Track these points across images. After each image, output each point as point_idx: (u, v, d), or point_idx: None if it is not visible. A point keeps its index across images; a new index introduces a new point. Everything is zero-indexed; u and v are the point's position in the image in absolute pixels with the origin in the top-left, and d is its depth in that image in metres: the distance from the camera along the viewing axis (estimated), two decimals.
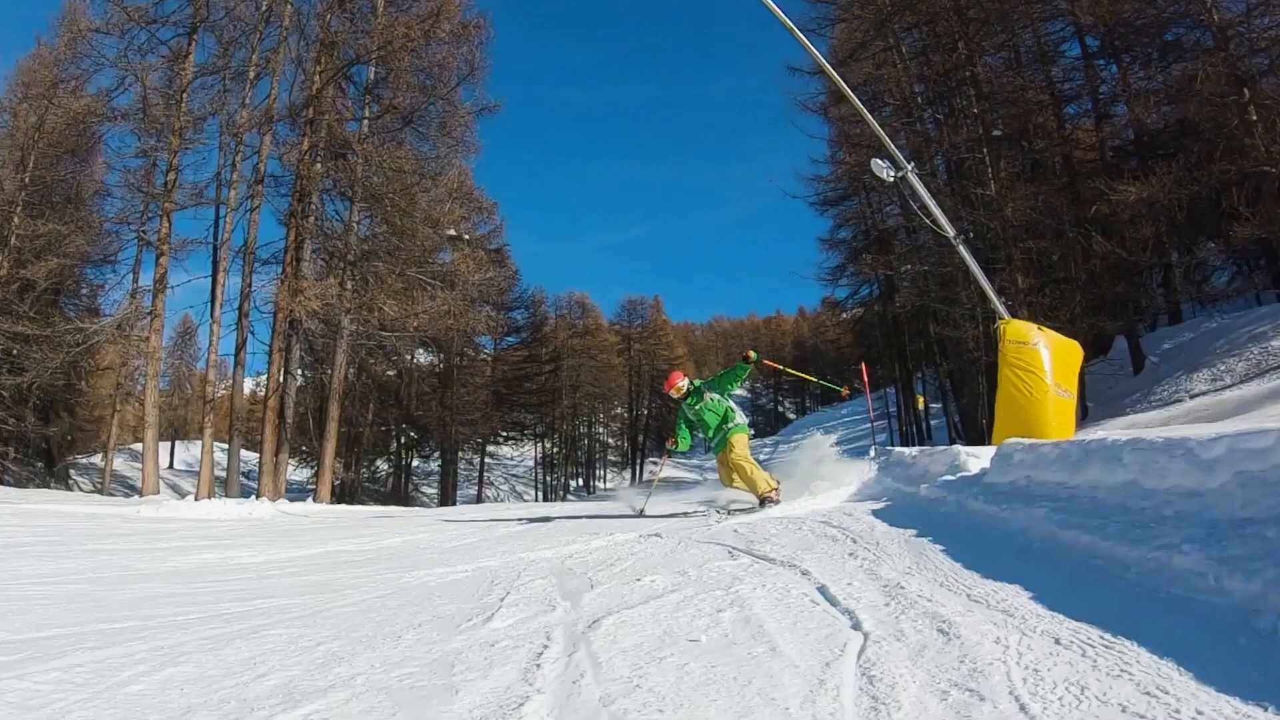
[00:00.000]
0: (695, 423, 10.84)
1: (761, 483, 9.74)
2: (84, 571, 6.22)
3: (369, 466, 49.91)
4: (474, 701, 2.58)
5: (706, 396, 10.62)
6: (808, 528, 6.66)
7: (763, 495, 9.62)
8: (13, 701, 2.57)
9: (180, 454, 66.02)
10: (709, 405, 10.62)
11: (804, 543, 5.91)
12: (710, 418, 10.64)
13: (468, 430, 50.03)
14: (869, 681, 2.60)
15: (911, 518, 6.39)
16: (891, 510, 7.16)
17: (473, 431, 51.58)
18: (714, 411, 10.62)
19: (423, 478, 55.11)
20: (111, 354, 32.94)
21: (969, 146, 27.71)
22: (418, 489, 52.86)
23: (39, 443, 38.55)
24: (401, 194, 29.84)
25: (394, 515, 17.83)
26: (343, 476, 38.19)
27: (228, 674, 3.00)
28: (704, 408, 10.65)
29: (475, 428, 51.25)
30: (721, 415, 10.59)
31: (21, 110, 33.47)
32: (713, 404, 10.61)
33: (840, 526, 6.45)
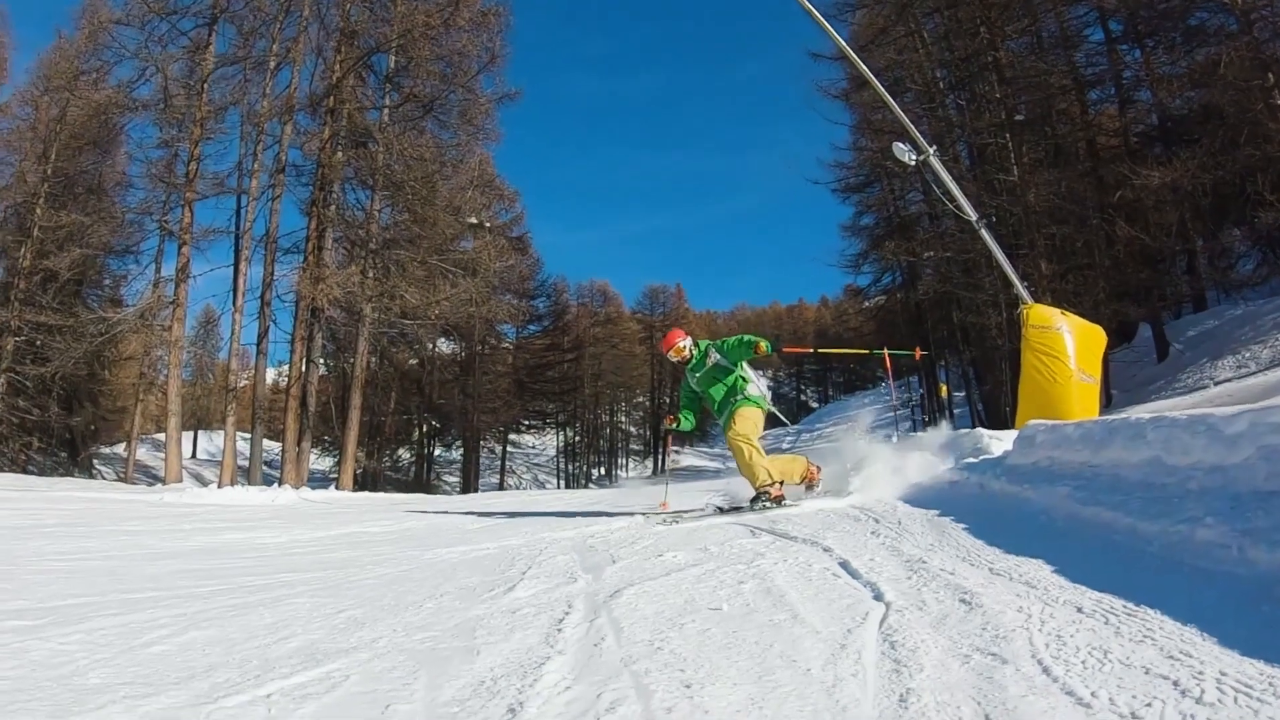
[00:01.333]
0: (700, 395, 8.93)
1: (761, 472, 7.99)
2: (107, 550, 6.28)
3: (391, 455, 50.08)
4: (495, 662, 2.60)
5: (711, 360, 8.71)
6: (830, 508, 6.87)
7: (760, 488, 7.94)
8: (37, 660, 2.61)
9: (203, 444, 66.40)
10: (713, 373, 8.71)
11: (826, 522, 6.00)
12: (716, 389, 8.74)
13: (490, 419, 50.20)
14: (891, 646, 2.60)
15: (934, 499, 6.44)
16: (915, 492, 7.14)
17: (495, 420, 51.75)
18: (720, 381, 8.71)
19: (445, 466, 55.27)
20: (134, 344, 33.22)
21: (991, 132, 27.54)
22: (440, 478, 53.02)
23: (63, 432, 38.90)
24: (423, 182, 29.92)
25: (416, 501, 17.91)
26: (365, 465, 38.35)
27: (249, 637, 3.03)
28: (707, 375, 8.76)
29: (497, 416, 51.40)
30: (730, 385, 8.64)
31: (43, 103, 33.74)
32: (718, 371, 8.68)
33: (863, 507, 6.62)
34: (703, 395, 8.89)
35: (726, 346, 8.65)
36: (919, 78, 31.27)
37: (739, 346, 8.47)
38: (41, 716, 2.06)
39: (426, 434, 52.68)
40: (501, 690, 2.27)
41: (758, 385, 8.85)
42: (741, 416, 8.47)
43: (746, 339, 8.43)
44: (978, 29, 28.29)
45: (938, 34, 31.55)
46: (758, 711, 2.04)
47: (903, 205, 40.76)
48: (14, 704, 2.14)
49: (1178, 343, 26.66)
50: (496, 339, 53.42)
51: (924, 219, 37.56)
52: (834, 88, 36.40)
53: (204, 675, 2.44)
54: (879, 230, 42.61)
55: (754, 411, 8.57)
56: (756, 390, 8.75)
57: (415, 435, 52.42)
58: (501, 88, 33.18)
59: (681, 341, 8.91)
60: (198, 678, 2.42)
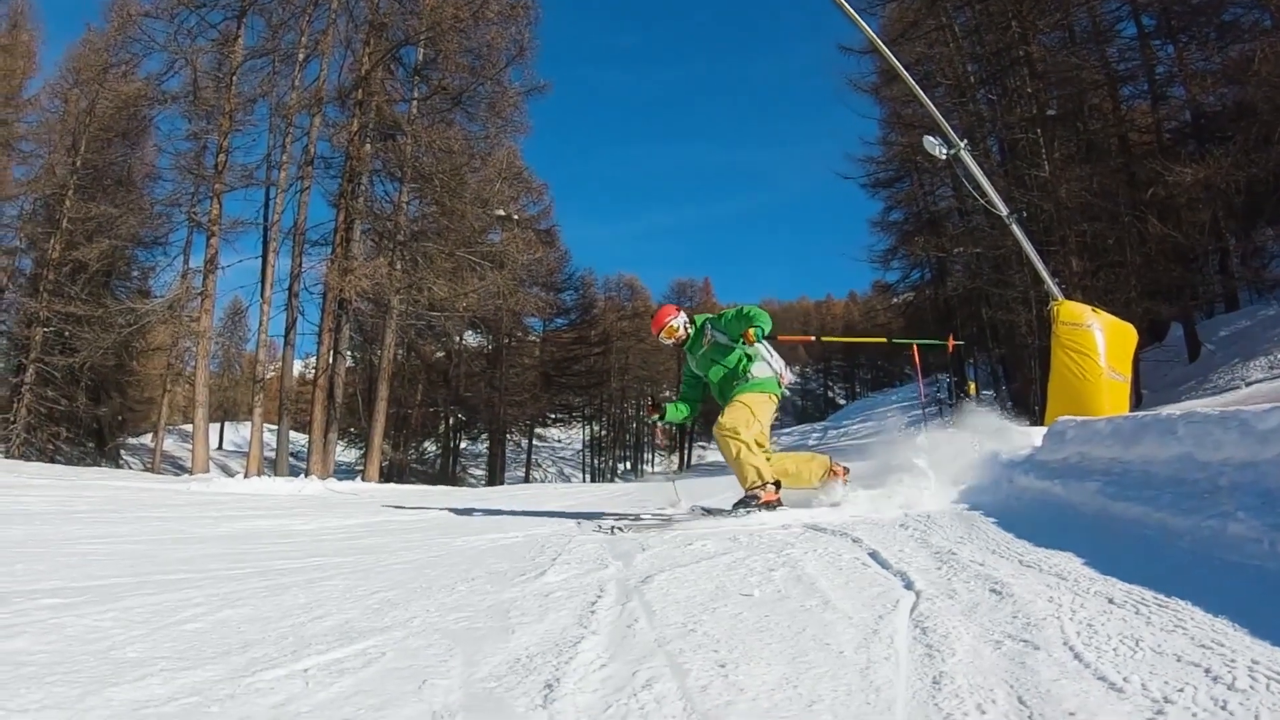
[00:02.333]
0: (701, 379, 7.73)
1: (751, 472, 6.87)
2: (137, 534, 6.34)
3: (417, 447, 50.32)
4: (529, 641, 2.62)
5: (708, 338, 7.46)
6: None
7: (749, 490, 6.82)
8: (73, 635, 2.64)
9: (229, 435, 66.96)
10: (711, 353, 7.46)
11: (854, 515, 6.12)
12: (715, 371, 7.48)
13: (516, 412, 50.38)
14: (922, 632, 2.60)
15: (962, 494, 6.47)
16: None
17: (521, 413, 51.93)
18: (719, 362, 7.44)
19: (471, 459, 55.47)
20: (162, 334, 33.41)
21: (1023, 127, 27.47)
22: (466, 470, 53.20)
23: (90, 423, 39.32)
24: (451, 174, 30.05)
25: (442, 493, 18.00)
26: (391, 457, 38.56)
27: (284, 616, 3.06)
28: (705, 356, 7.52)
29: (524, 409, 51.59)
30: (731, 367, 7.38)
31: (72, 95, 34.15)
32: (717, 350, 7.43)
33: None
34: (703, 378, 7.67)
35: (725, 320, 7.31)
36: (949, 72, 31.19)
37: (738, 320, 7.11)
38: (81, 686, 2.09)
39: (453, 427, 52.89)
40: (538, 667, 2.29)
41: (771, 364, 7.51)
42: (734, 406, 7.22)
43: (747, 311, 7.05)
44: (1009, 23, 28.20)
45: (968, 27, 31.48)
46: (792, 690, 2.06)
47: (932, 200, 40.73)
48: (53, 675, 2.18)
49: (1209, 342, 26.52)
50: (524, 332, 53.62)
51: (954, 214, 37.51)
52: (864, 81, 36.58)
53: (240, 651, 2.48)
54: (908, 226, 42.53)
55: (755, 399, 7.28)
56: (767, 371, 7.45)
57: (441, 428, 52.64)
58: (530, 80, 33.35)
59: (673, 319, 7.68)
60: (234, 653, 2.45)
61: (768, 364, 7.54)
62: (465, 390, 49.64)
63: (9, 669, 2.23)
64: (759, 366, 7.46)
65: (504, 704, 1.99)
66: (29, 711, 1.90)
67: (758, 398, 7.32)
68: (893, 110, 36.58)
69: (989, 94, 30.41)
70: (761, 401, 7.33)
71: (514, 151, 36.85)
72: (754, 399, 7.29)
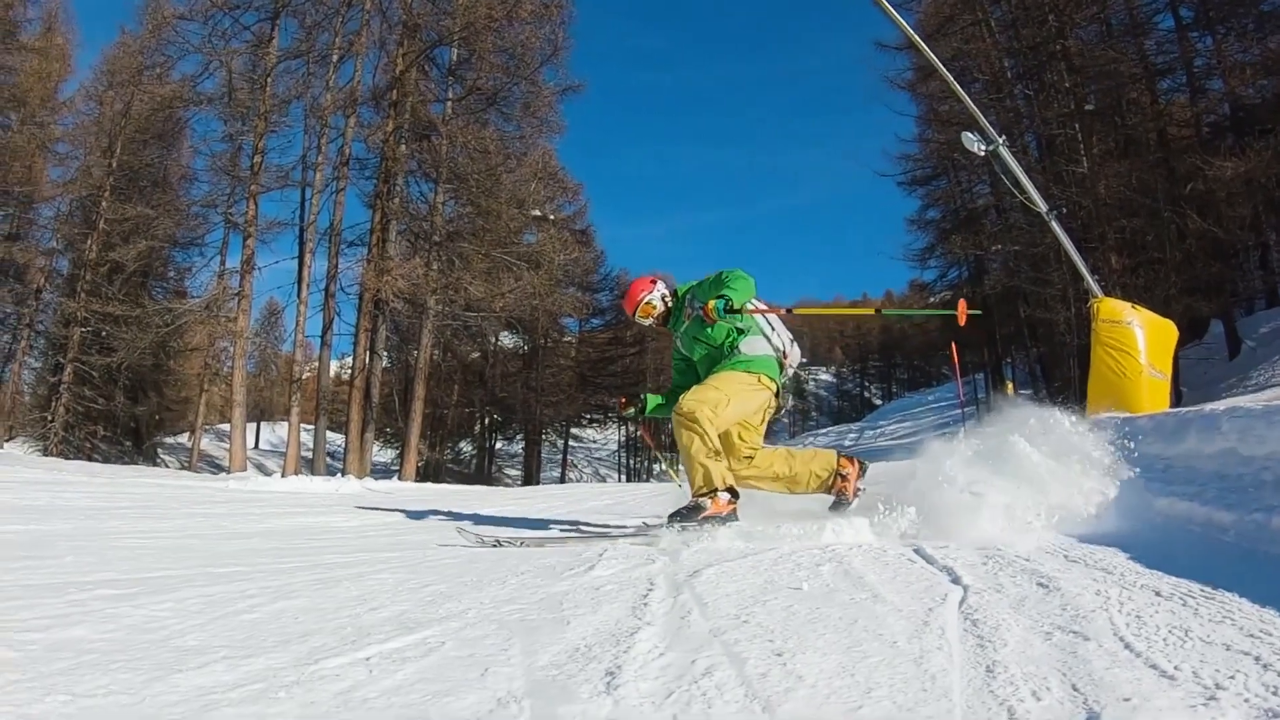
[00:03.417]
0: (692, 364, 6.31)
1: (699, 473, 5.45)
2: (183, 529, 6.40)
3: (453, 447, 50.48)
4: (586, 632, 2.64)
5: (689, 311, 6.06)
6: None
7: (698, 495, 5.40)
8: (131, 625, 2.67)
9: (265, 435, 67.39)
10: (694, 329, 6.04)
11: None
12: (699, 350, 6.13)
13: (552, 412, 50.39)
14: (972, 624, 2.62)
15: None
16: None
17: (557, 413, 51.94)
18: (702, 339, 6.03)
19: (506, 460, 55.58)
20: (200, 335, 33.77)
21: (1060, 122, 27.28)
22: (501, 470, 53.33)
23: (128, 422, 39.74)
24: (486, 175, 30.17)
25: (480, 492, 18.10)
26: (427, 457, 38.69)
27: (340, 607, 3.09)
28: (688, 334, 6.14)
29: (559, 410, 51.57)
30: (718, 344, 5.96)
31: (107, 98, 34.55)
32: (697, 326, 5.98)
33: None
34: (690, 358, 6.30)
35: (703, 289, 5.90)
36: (986, 67, 31.00)
37: (714, 286, 5.72)
38: (145, 672, 2.12)
39: (488, 427, 53.02)
40: (597, 656, 2.31)
41: (771, 339, 6.09)
42: (702, 386, 5.76)
43: (724, 277, 5.72)
44: (1045, 16, 28.01)
45: (1005, 22, 31.27)
46: (850, 678, 2.07)
47: (970, 198, 40.42)
48: (115, 662, 2.21)
49: (1250, 339, 26.27)
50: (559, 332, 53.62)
51: (991, 212, 37.24)
52: (900, 78, 36.47)
53: (300, 640, 2.51)
54: (945, 224, 42.18)
55: (734, 379, 5.80)
56: (763, 348, 5.99)
57: (477, 428, 52.78)
58: (564, 80, 33.44)
59: (649, 294, 6.27)
60: (294, 642, 2.49)
61: (766, 339, 6.06)
62: (501, 391, 49.74)
63: (71, 656, 2.26)
64: (751, 342, 5.97)
65: (568, 690, 2.01)
66: (95, 696, 1.92)
67: (738, 378, 5.81)
68: (929, 107, 36.47)
69: (1026, 89, 30.18)
70: (743, 384, 5.81)
71: (549, 152, 36.95)
72: (732, 379, 5.80)
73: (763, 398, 5.94)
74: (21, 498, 8.31)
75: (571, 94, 33.88)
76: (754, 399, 5.88)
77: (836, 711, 1.84)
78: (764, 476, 6.15)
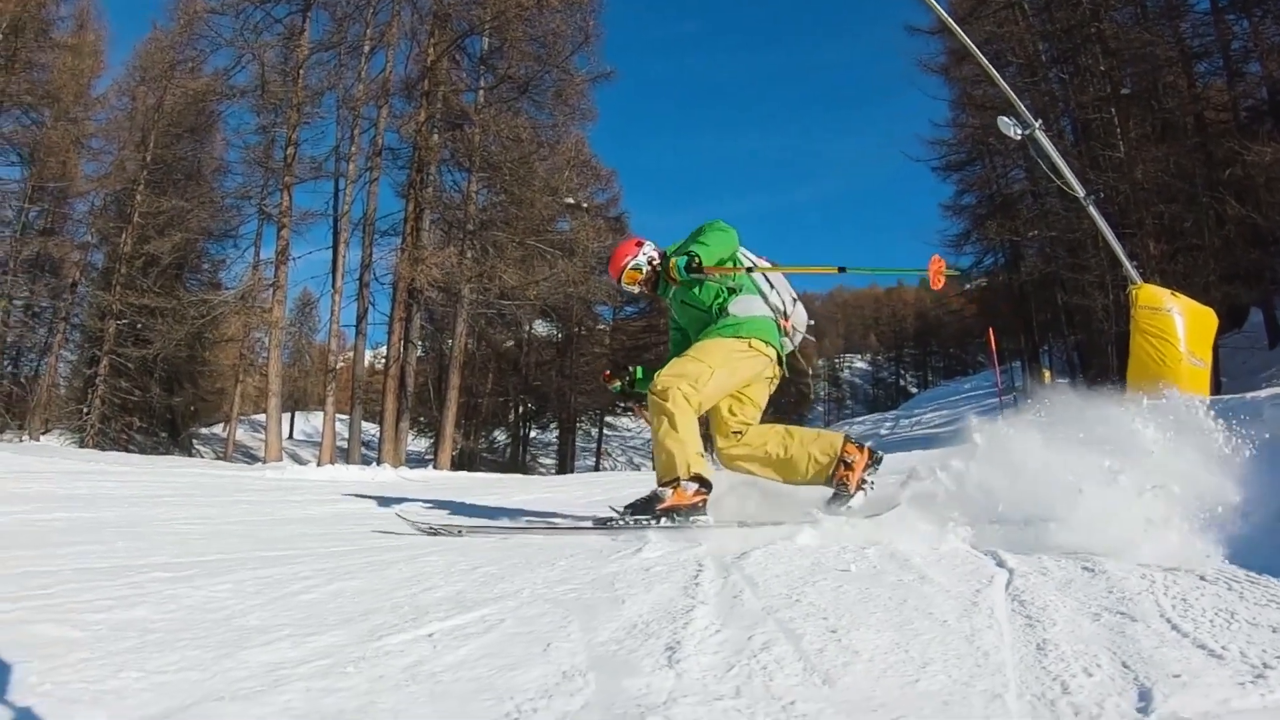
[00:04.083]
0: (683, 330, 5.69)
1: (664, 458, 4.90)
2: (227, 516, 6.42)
3: (487, 436, 50.56)
4: (641, 610, 2.67)
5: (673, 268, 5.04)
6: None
7: (660, 484, 4.89)
8: (191, 605, 2.72)
9: (299, 424, 67.60)
10: (680, 293, 5.45)
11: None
12: (689, 316, 5.54)
13: (586, 400, 50.27)
14: (1020, 605, 2.66)
15: None
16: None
17: (591, 402, 51.81)
18: (691, 303, 5.44)
19: (540, 448, 55.50)
20: (235, 325, 34.04)
21: (1096, 106, 27.05)
22: (535, 459, 53.27)
23: (163, 413, 40.05)
24: (519, 163, 30.18)
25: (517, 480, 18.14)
26: (461, 445, 38.82)
27: (395, 588, 3.13)
28: (677, 298, 5.55)
29: (594, 398, 51.45)
30: (706, 306, 5.33)
31: (140, 92, 34.84)
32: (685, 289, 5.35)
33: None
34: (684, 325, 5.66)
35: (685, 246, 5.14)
36: (1020, 50, 30.70)
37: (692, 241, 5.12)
38: (212, 650, 2.16)
39: (522, 416, 53.01)
40: (655, 632, 2.36)
41: (768, 297, 5.35)
42: (682, 358, 5.19)
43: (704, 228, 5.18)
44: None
45: (1039, 4, 30.96)
46: (904, 653, 2.11)
47: (1005, 183, 39.98)
48: (180, 640, 2.25)
49: None
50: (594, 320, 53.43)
51: (1027, 197, 36.80)
52: (933, 62, 36.18)
53: (361, 619, 2.55)
54: (980, 209, 41.65)
55: (719, 346, 5.10)
56: (758, 308, 5.26)
57: (511, 417, 52.80)
58: (596, 67, 33.29)
59: (632, 259, 5.59)
60: (355, 621, 2.53)
61: (762, 298, 5.33)
62: (535, 379, 49.73)
63: (136, 635, 2.29)
64: (743, 302, 5.25)
65: (630, 664, 2.05)
66: (166, 673, 1.96)
67: (724, 346, 5.10)
68: (963, 91, 36.06)
69: (1061, 73, 29.92)
70: (730, 351, 5.09)
71: (581, 139, 36.99)
72: (717, 347, 5.10)
73: (755, 365, 5.19)
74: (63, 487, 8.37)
75: (603, 81, 33.83)
76: (744, 368, 5.14)
77: (894, 684, 1.88)
78: (754, 457, 5.29)
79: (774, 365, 5.28)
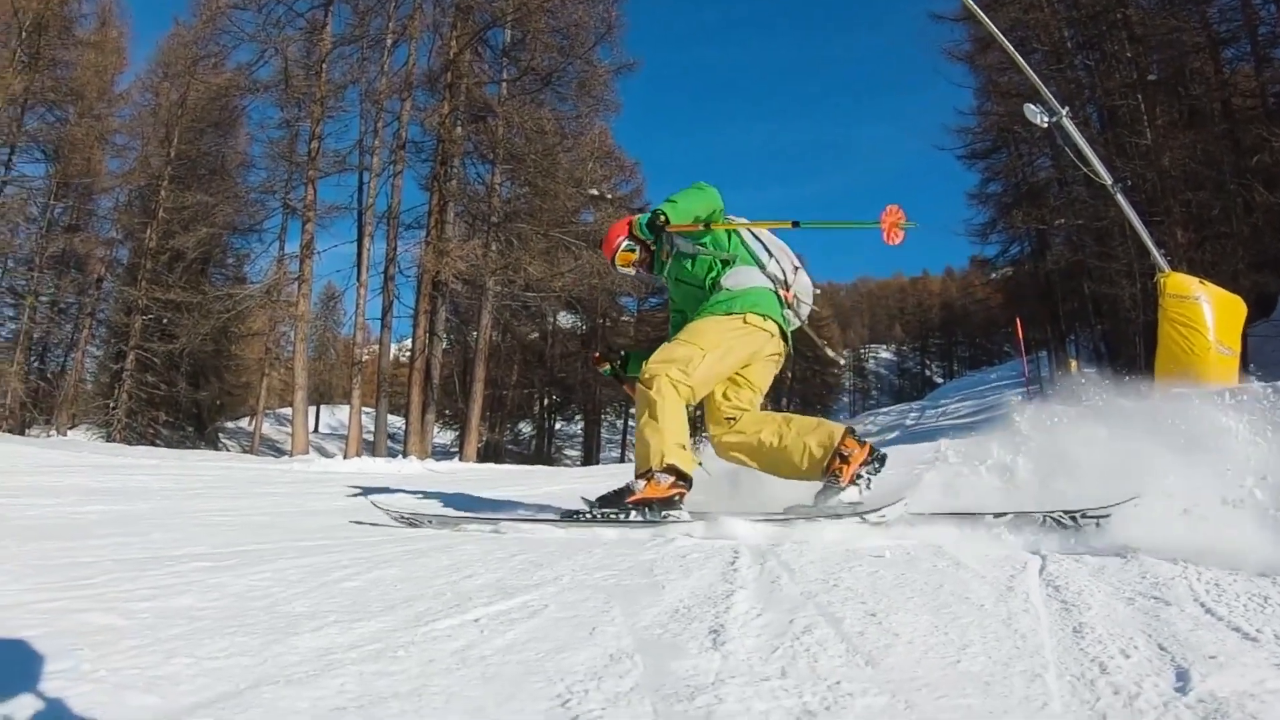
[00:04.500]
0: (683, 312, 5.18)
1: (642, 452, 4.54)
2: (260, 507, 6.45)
3: (512, 428, 50.67)
4: (682, 595, 2.71)
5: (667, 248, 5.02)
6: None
7: (638, 475, 4.51)
8: (235, 593, 2.74)
9: (325, 418, 67.99)
10: (674, 269, 5.10)
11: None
12: (680, 291, 5.17)
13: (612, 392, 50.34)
14: (1055, 590, 2.69)
15: None
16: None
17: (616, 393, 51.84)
18: (685, 280, 5.08)
19: (565, 440, 55.58)
20: (260, 319, 34.13)
21: (1122, 93, 26.86)
22: (560, 451, 53.38)
23: (189, 407, 40.37)
24: (543, 155, 30.14)
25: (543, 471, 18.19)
26: (486, 437, 38.90)
27: (435, 575, 3.16)
28: (671, 275, 5.15)
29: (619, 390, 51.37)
30: (700, 280, 4.97)
31: (163, 88, 35.12)
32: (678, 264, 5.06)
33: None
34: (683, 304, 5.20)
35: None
36: (1045, 37, 30.44)
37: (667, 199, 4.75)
38: (260, 636, 2.19)
39: (547, 407, 53.10)
40: (698, 616, 2.40)
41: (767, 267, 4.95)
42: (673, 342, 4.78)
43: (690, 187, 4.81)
44: None
45: None
46: (943, 636, 2.15)
47: (1031, 171, 39.64)
48: (228, 627, 2.27)
49: None
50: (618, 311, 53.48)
51: (1053, 185, 36.53)
52: (958, 50, 35.88)
53: (405, 605, 2.58)
54: (1006, 198, 41.30)
55: (711, 327, 4.72)
56: (754, 278, 4.87)
57: (536, 408, 52.90)
58: (619, 58, 33.21)
59: (624, 239, 5.01)
60: (399, 607, 2.56)
61: (759, 267, 4.94)
62: (560, 371, 49.80)
63: (185, 622, 2.32)
64: (738, 273, 4.87)
65: (676, 646, 2.09)
66: (218, 658, 1.99)
67: (715, 324, 4.71)
68: (988, 78, 35.77)
69: (1086, 59, 29.73)
70: (723, 330, 4.70)
71: (605, 130, 36.93)
72: (708, 327, 4.71)
73: (753, 343, 4.76)
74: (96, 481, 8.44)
75: (626, 72, 33.65)
76: (741, 346, 4.72)
77: (936, 665, 1.92)
78: (747, 445, 4.79)
79: (776, 341, 4.86)
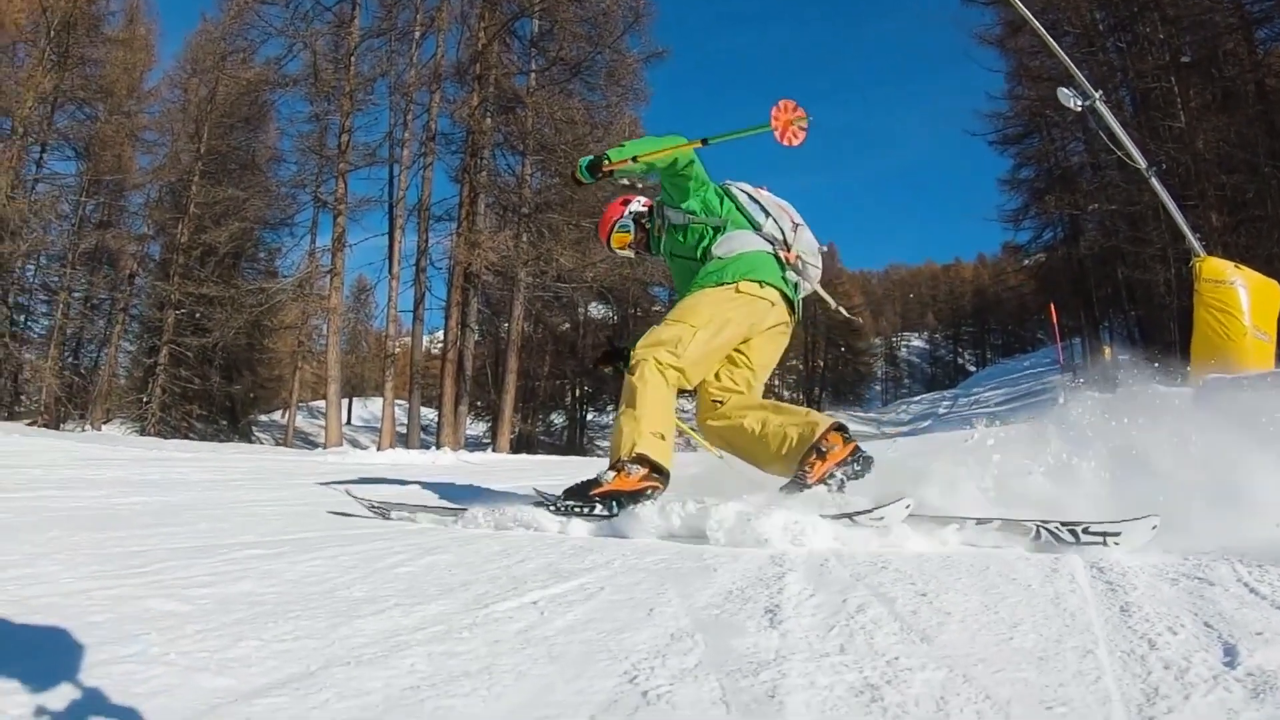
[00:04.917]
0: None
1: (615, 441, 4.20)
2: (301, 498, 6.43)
3: (544, 419, 50.76)
4: (733, 578, 2.76)
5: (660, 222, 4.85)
6: None
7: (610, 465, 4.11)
8: (292, 579, 2.78)
9: (357, 410, 68.15)
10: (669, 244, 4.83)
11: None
12: (676, 266, 4.86)
13: None
14: (1099, 571, 2.74)
15: None
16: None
17: None
18: (679, 254, 4.77)
19: (597, 431, 55.49)
20: (292, 313, 34.28)
21: (1155, 75, 26.62)
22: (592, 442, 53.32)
23: (223, 401, 40.58)
24: (573, 145, 29.86)
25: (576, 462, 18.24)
26: (519, 428, 38.96)
27: (487, 560, 3.21)
28: (666, 250, 4.89)
29: None
30: (692, 252, 4.67)
31: (192, 84, 35.29)
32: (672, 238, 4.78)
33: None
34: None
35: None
36: (1077, 20, 30.20)
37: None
38: (324, 620, 2.23)
39: (579, 398, 53.08)
40: (752, 597, 2.44)
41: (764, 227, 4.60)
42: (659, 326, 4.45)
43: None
44: None
45: None
46: (994, 615, 2.19)
47: (1063, 156, 39.26)
48: (291, 611, 2.32)
49: None
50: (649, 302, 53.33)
51: (1086, 170, 36.23)
52: (988, 33, 35.61)
53: (462, 589, 2.64)
54: (1039, 183, 40.94)
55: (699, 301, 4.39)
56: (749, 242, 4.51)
57: (568, 399, 52.91)
58: (648, 46, 33.21)
59: (619, 219, 4.97)
60: (457, 590, 2.61)
61: (753, 229, 4.58)
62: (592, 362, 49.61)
63: (246, 607, 2.37)
64: (730, 239, 4.51)
65: (734, 625, 2.15)
66: (285, 641, 2.03)
67: (706, 297, 4.37)
68: (1019, 62, 35.52)
69: (1118, 42, 29.46)
70: (714, 302, 4.34)
71: (635, 120, 36.78)
72: (698, 302, 4.37)
73: (750, 314, 4.39)
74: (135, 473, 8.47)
75: (656, 60, 33.64)
76: (737, 319, 4.35)
77: (989, 641, 1.96)
78: (729, 430, 4.48)
79: (779, 309, 4.49)
